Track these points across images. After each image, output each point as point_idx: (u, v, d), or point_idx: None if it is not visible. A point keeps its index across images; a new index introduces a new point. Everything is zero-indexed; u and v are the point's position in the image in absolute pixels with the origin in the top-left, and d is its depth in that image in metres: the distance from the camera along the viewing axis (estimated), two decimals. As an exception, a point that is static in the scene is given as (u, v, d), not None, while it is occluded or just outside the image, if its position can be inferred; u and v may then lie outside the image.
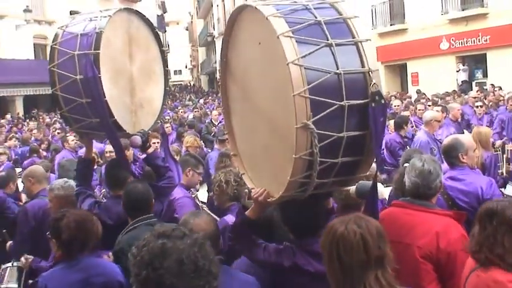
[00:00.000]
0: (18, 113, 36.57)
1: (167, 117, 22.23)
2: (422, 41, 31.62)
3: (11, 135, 18.42)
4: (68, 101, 5.66)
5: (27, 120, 30.78)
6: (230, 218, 5.41)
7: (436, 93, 22.83)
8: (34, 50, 41.10)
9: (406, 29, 33.41)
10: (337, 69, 3.56)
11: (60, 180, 6.76)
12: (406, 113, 15.03)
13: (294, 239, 4.29)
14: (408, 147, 11.16)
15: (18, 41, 37.90)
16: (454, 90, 25.80)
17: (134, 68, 6.15)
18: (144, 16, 6.53)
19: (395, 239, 4.47)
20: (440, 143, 10.55)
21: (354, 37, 3.75)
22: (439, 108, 14.05)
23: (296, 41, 3.54)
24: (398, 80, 36.61)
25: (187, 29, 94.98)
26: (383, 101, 3.62)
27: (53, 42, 5.87)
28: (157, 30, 6.78)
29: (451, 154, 6.09)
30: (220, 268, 2.84)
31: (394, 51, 33.97)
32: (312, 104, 3.45)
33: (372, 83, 3.59)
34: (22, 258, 6.08)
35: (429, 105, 17.06)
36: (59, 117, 16.18)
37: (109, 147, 10.48)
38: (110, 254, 5.21)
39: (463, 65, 30.50)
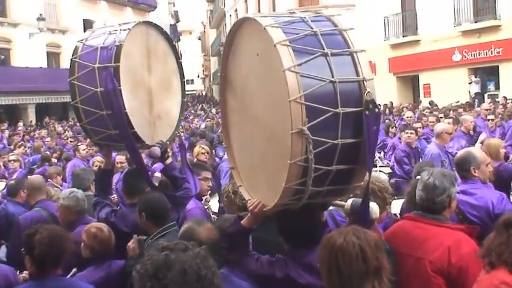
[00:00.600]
0: (30, 121, 36.70)
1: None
2: (434, 52, 31.60)
3: (20, 143, 18.48)
4: (88, 113, 5.76)
5: (41, 129, 30.83)
6: None
7: (448, 105, 22.79)
8: (47, 58, 41.34)
9: (419, 40, 33.37)
10: (332, 77, 3.63)
11: (66, 190, 6.83)
12: (418, 125, 14.98)
13: (288, 250, 4.32)
14: (421, 159, 11.15)
15: (32, 49, 38.14)
16: (467, 102, 25.70)
17: (153, 80, 6.24)
18: (162, 29, 6.61)
19: (407, 252, 4.46)
20: (452, 155, 10.55)
21: (349, 47, 3.81)
22: (450, 120, 14.02)
23: (293, 50, 3.62)
24: (410, 91, 36.54)
25: (199, 39, 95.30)
26: (377, 110, 3.67)
27: (73, 55, 5.93)
28: (173, 41, 6.83)
29: (463, 167, 6.02)
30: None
31: (407, 62, 33.96)
32: (308, 110, 3.52)
33: (366, 92, 3.65)
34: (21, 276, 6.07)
35: (441, 117, 17.01)
36: (73, 127, 16.33)
37: (119, 158, 10.52)
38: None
39: (475, 77, 30.39)
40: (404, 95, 35.38)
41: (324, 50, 3.70)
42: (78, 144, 14.46)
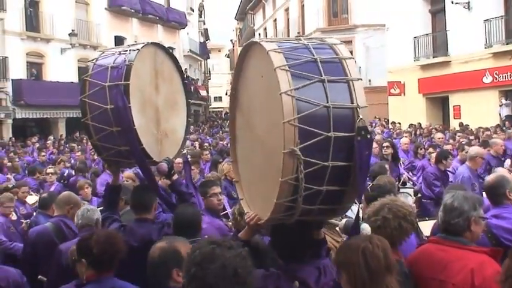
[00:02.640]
0: (61, 135, 37.05)
1: (206, 144, 22.35)
2: (465, 74, 31.35)
3: (60, 158, 18.64)
4: (98, 129, 5.92)
5: (70, 143, 31.11)
6: None
7: (479, 127, 22.60)
8: (78, 73, 41.74)
9: (449, 61, 33.14)
10: (327, 102, 3.81)
11: (82, 209, 6.97)
12: (448, 147, 14.87)
13: (281, 264, 4.46)
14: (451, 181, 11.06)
15: (63, 64, 38.61)
16: (497, 125, 25.44)
17: (160, 99, 6.47)
18: (168, 50, 6.95)
19: (430, 275, 4.43)
20: (482, 179, 10.44)
21: (346, 75, 3.96)
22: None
23: (291, 75, 3.82)
24: (440, 112, 36.27)
25: (228, 56, 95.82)
26: (369, 136, 3.83)
27: (85, 75, 6.14)
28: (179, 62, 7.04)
29: (497, 192, 5.97)
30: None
31: (436, 83, 33.73)
32: (300, 132, 3.70)
33: (359, 119, 3.82)
34: None
35: (471, 139, 16.87)
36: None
37: (126, 174, 10.56)
38: None
39: (506, 100, 30.07)
40: (433, 116, 35.11)
41: (321, 76, 3.88)
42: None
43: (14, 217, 9.72)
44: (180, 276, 3.98)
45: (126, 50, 6.08)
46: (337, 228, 4.62)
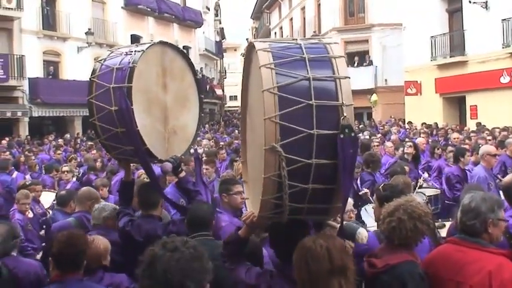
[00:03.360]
0: (77, 133, 37.22)
1: (222, 143, 22.34)
2: (482, 74, 31.10)
3: (71, 156, 18.74)
4: (105, 130, 6.12)
5: (87, 142, 31.21)
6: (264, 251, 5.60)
7: (494, 128, 22.43)
8: (94, 72, 41.93)
9: (466, 61, 32.91)
10: (311, 100, 3.81)
11: (96, 206, 7.12)
12: (465, 147, 14.76)
13: (278, 264, 4.57)
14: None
15: (80, 62, 38.74)
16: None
17: (168, 97, 6.59)
18: (178, 48, 7.07)
19: (448, 276, 4.38)
20: (498, 178, 10.36)
21: (334, 73, 3.96)
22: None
23: (276, 73, 3.87)
24: (456, 112, 36.05)
25: (243, 56, 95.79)
26: (353, 134, 3.81)
27: (91, 75, 6.27)
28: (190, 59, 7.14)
29: (513, 192, 5.92)
30: None
31: (453, 83, 33.54)
32: (281, 129, 3.74)
33: (343, 116, 3.80)
34: None
35: (489, 139, 16.76)
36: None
37: (140, 172, 10.66)
38: None
39: (524, 100, 29.85)
40: (450, 116, 34.91)
41: (307, 74, 3.90)
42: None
43: (30, 215, 9.77)
44: None
45: (132, 51, 6.20)
46: None
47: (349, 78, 3.99)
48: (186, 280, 2.85)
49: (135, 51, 6.18)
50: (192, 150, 7.24)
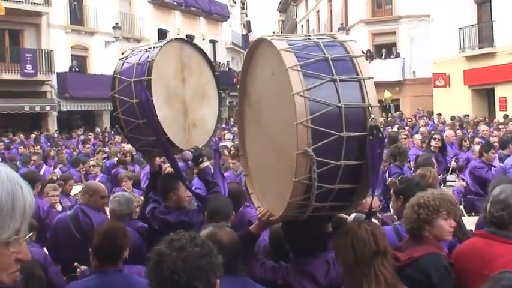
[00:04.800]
0: (105, 127, 37.47)
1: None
2: (511, 65, 30.77)
3: (98, 149, 18.89)
4: (128, 122, 6.48)
5: (115, 135, 31.43)
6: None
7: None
8: (122, 66, 42.16)
9: (495, 52, 32.60)
10: (339, 102, 3.84)
11: (113, 195, 7.45)
12: (494, 139, 14.62)
13: (292, 258, 4.59)
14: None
15: (107, 57, 38.94)
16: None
17: (187, 91, 6.88)
18: (196, 45, 7.41)
19: (476, 270, 4.34)
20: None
21: (357, 74, 3.99)
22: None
23: (303, 75, 3.85)
24: (485, 104, 35.72)
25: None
26: (380, 135, 3.87)
27: (114, 72, 6.65)
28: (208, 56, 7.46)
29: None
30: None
31: (482, 75, 33.21)
32: (313, 133, 3.76)
33: (371, 118, 3.85)
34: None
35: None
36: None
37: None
38: None
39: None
40: (479, 108, 34.59)
41: (333, 76, 3.91)
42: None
43: (59, 208, 9.91)
44: None
45: (151, 48, 6.58)
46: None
47: (372, 78, 4.02)
48: (193, 280, 2.83)
49: (153, 47, 6.54)
50: (212, 143, 7.51)
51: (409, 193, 5.39)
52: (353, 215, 4.45)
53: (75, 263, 6.21)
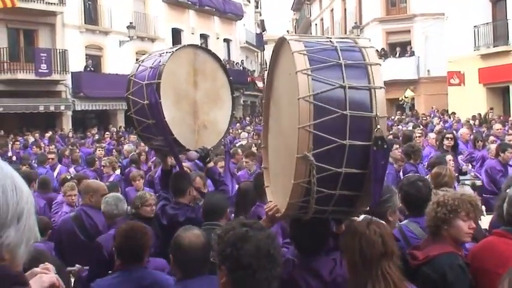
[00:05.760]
0: (120, 127, 37.56)
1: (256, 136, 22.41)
2: (526, 63, 30.60)
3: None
4: (140, 122, 6.92)
5: (129, 135, 31.51)
6: None
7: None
8: (136, 66, 42.23)
9: (510, 51, 32.42)
10: (345, 110, 3.81)
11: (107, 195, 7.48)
12: (510, 137, 14.52)
13: (297, 255, 4.64)
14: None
15: (122, 56, 39.08)
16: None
17: (198, 94, 7.24)
18: (210, 51, 7.74)
19: (493, 269, 4.31)
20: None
21: (369, 83, 3.95)
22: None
23: (312, 79, 3.83)
24: (500, 102, 35.53)
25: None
26: (385, 146, 3.82)
27: (130, 74, 7.15)
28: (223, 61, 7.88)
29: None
30: None
31: (497, 73, 33.02)
32: (315, 138, 3.75)
33: (377, 128, 3.81)
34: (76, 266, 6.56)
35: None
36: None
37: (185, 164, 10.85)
38: None
39: None
40: (494, 106, 34.30)
41: (343, 82, 3.87)
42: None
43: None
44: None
45: (164, 52, 7.01)
46: None
47: (384, 88, 3.99)
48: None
49: (166, 52, 6.98)
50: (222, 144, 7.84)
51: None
52: (362, 216, 4.41)
53: (76, 265, 6.34)
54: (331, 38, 4.31)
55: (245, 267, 3.14)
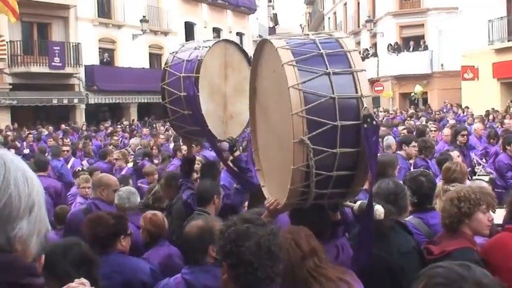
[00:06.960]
0: (133, 120, 37.69)
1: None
2: (541, 58, 30.41)
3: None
4: (174, 112, 7.12)
5: (142, 128, 31.58)
6: None
7: None
8: (149, 59, 42.34)
9: (525, 45, 32.23)
10: (333, 93, 4.06)
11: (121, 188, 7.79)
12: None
13: None
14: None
15: (135, 50, 39.21)
16: None
17: (228, 87, 7.50)
18: (238, 44, 8.02)
19: (505, 265, 4.32)
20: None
21: (350, 67, 4.20)
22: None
23: (298, 69, 4.09)
24: (515, 97, 35.37)
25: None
26: (374, 123, 4.04)
27: (165, 65, 7.40)
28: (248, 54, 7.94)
29: None
30: None
31: (511, 67, 32.82)
32: (308, 123, 3.99)
33: (364, 107, 4.04)
34: None
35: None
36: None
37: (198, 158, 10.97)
38: None
39: None
40: (508, 101, 34.23)
41: (327, 69, 4.13)
42: (181, 144, 14.65)
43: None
44: (214, 252, 4.25)
45: (200, 46, 7.18)
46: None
47: (365, 70, 4.30)
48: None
49: (202, 46, 7.16)
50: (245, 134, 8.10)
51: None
52: (359, 202, 4.46)
53: None
54: (308, 34, 4.59)
55: (246, 265, 3.17)
